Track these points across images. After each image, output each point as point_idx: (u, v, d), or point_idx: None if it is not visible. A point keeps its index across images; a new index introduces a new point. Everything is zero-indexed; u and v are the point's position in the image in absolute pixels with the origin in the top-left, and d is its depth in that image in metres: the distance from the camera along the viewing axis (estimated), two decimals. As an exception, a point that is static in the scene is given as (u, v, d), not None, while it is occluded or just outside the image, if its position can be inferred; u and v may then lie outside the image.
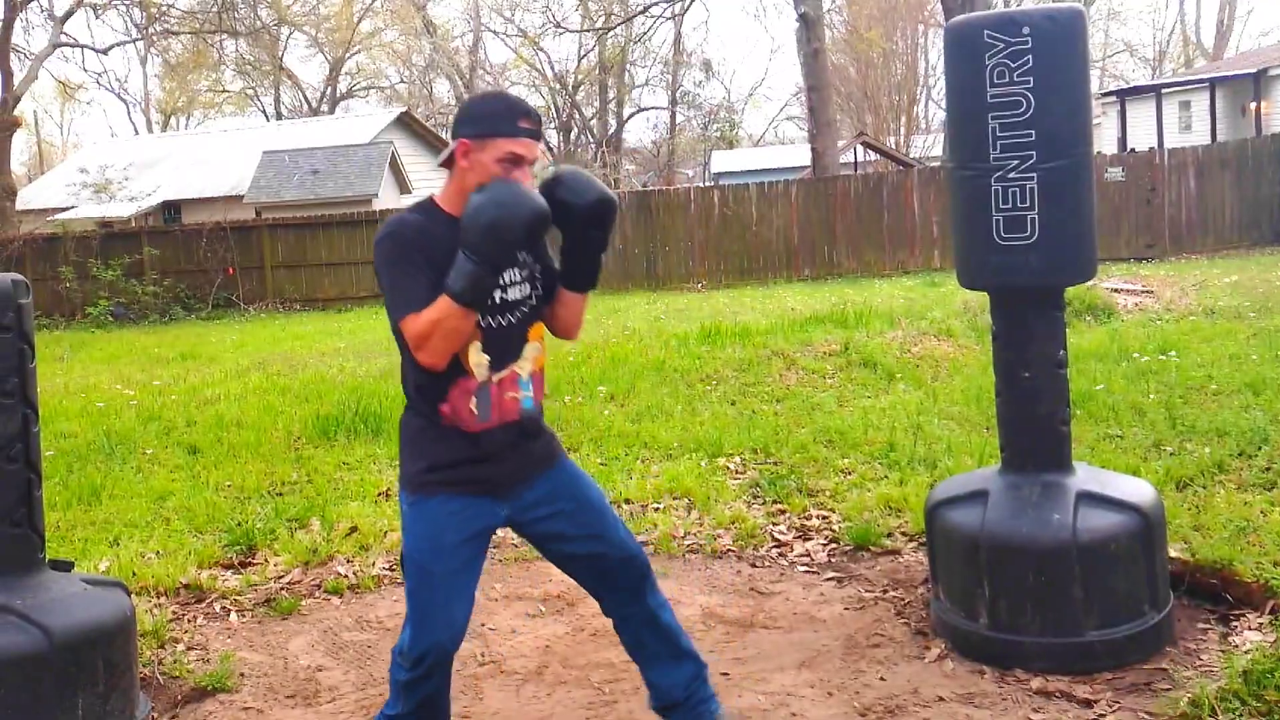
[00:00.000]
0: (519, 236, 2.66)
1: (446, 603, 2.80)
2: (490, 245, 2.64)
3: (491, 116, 2.76)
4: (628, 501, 5.54)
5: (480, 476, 2.82)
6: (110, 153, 30.53)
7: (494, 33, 47.88)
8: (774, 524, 5.16)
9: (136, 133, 47.78)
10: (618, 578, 3.00)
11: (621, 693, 3.55)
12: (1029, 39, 3.42)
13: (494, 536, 5.00)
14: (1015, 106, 3.44)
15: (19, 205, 26.99)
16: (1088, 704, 3.26)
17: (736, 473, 6.02)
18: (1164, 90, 24.42)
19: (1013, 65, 3.44)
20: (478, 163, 2.74)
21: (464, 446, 2.80)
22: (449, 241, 2.69)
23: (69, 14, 27.66)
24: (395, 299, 2.72)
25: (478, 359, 2.78)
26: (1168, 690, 3.26)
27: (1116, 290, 12.46)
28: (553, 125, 48.91)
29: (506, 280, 2.82)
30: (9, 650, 2.98)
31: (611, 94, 47.67)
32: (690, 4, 30.92)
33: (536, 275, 2.92)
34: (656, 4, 28.38)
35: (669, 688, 3.08)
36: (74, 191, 24.94)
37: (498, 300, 2.80)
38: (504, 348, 2.82)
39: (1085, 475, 3.69)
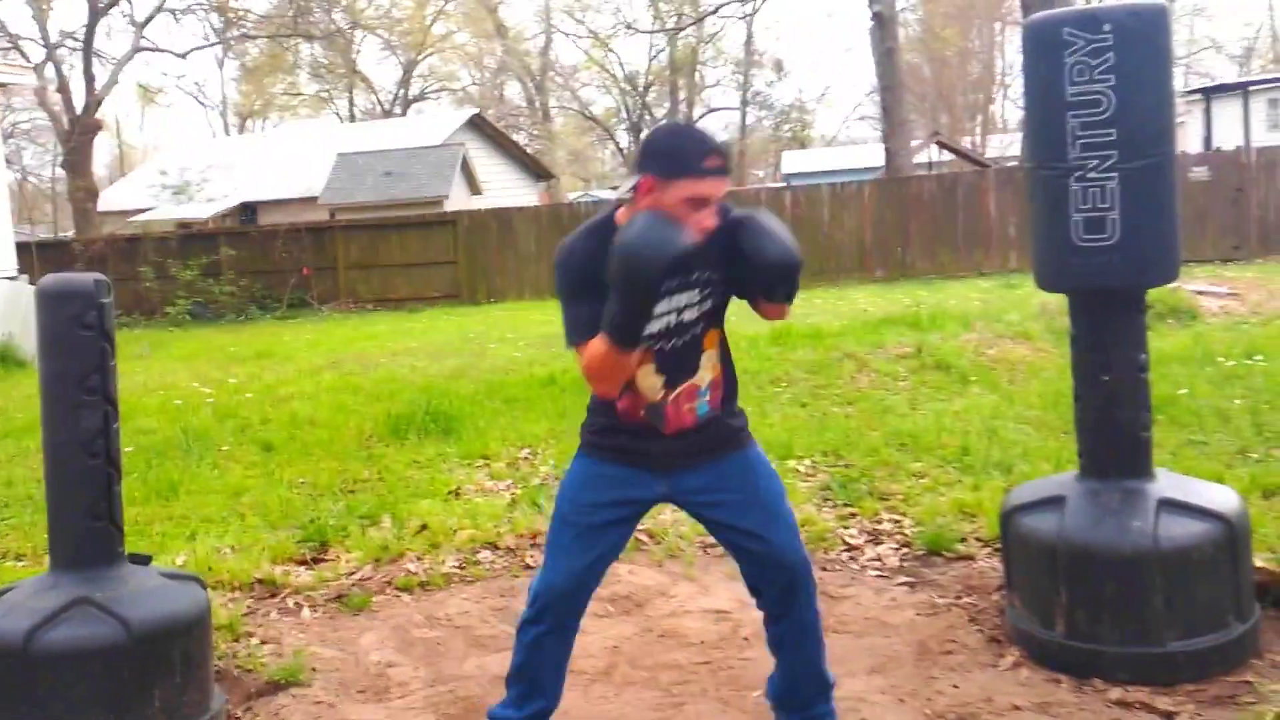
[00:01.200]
0: (652, 280, 2.54)
1: (569, 550, 2.89)
2: (627, 288, 2.55)
3: (678, 154, 2.62)
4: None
5: (640, 449, 2.85)
6: (189, 155, 31.20)
7: (565, 34, 48.17)
8: (845, 527, 5.10)
9: (214, 136, 48.81)
10: (771, 579, 2.96)
11: (689, 695, 3.53)
12: (1110, 36, 3.34)
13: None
14: (1095, 105, 3.37)
15: (101, 207, 27.73)
16: (1169, 716, 3.17)
17: (807, 475, 5.97)
18: (1252, 88, 23.78)
19: (1093, 63, 3.36)
20: (660, 201, 2.61)
21: (618, 425, 2.85)
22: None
23: (149, 19, 28.35)
24: (566, 329, 2.75)
25: (650, 381, 2.79)
26: (1252, 704, 3.16)
27: (1201, 292, 12.14)
28: (623, 126, 49.01)
29: (682, 303, 2.77)
30: (89, 641, 3.03)
31: (682, 95, 47.63)
32: (762, 4, 30.82)
33: (713, 282, 2.81)
34: (728, 4, 28.29)
35: (781, 697, 3.13)
36: (154, 193, 25.56)
37: (672, 324, 2.77)
38: (678, 366, 2.81)
39: (1167, 482, 3.60)
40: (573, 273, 2.73)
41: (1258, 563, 3.79)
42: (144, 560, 3.39)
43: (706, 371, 2.85)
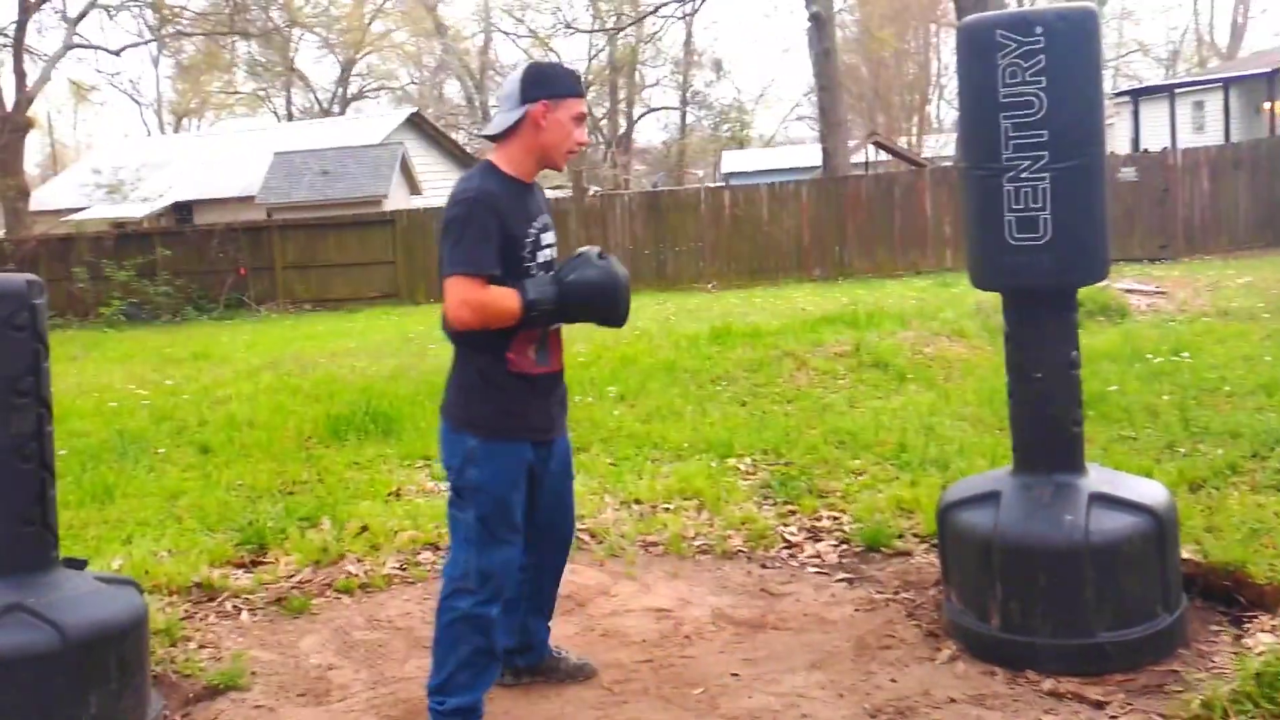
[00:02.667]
0: (600, 315, 3.21)
1: (511, 530, 3.19)
2: (583, 310, 3.16)
3: (565, 78, 3.17)
4: (638, 502, 5.54)
5: (540, 425, 3.23)
6: (123, 154, 30.65)
7: (504, 33, 47.88)
8: (785, 525, 5.15)
9: (149, 134, 47.94)
10: (560, 534, 3.50)
11: (631, 693, 3.55)
12: (1041, 38, 3.41)
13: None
14: (1028, 106, 3.43)
15: (33, 206, 27.10)
16: (1099, 706, 3.24)
17: (747, 474, 6.02)
18: (1177, 90, 24.33)
19: (1025, 65, 3.43)
20: (555, 121, 3.12)
21: (527, 392, 3.18)
22: (517, 204, 3.12)
23: (82, 15, 27.76)
24: (458, 255, 3.01)
25: None
26: (1180, 692, 3.24)
27: (1129, 291, 12.41)
28: (564, 125, 48.84)
29: (552, 239, 3.28)
30: (22, 648, 2.98)
31: (622, 94, 47.61)
32: (701, 4, 30.86)
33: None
34: (667, 4, 28.33)
35: (542, 631, 3.59)
36: (87, 192, 25.07)
37: (552, 258, 3.27)
38: None
39: (1098, 476, 3.68)
40: (484, 211, 3.05)
41: (1185, 555, 3.90)
42: (79, 565, 3.34)
43: None
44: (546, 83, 3.14)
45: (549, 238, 3.26)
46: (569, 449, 3.49)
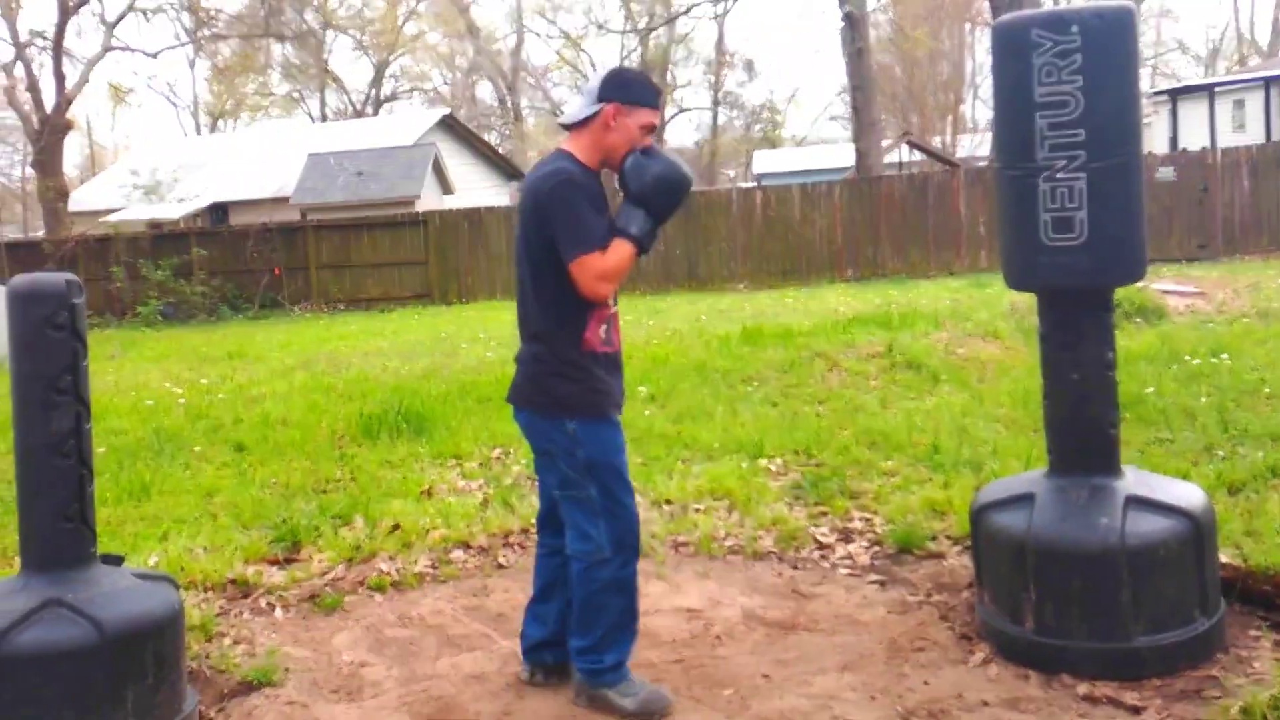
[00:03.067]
0: (685, 197, 3.34)
1: (629, 493, 3.39)
2: (669, 202, 3.29)
3: (642, 88, 3.36)
4: (668, 502, 5.53)
5: (619, 399, 3.42)
6: (160, 155, 30.97)
7: (536, 34, 48.16)
8: (816, 526, 5.13)
9: (185, 135, 48.46)
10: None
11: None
12: (1077, 37, 3.38)
13: (535, 536, 5.01)
14: (1063, 105, 3.40)
15: (71, 207, 27.48)
16: (1136, 711, 3.21)
17: (778, 474, 6.00)
18: (1217, 89, 24.03)
19: (1061, 64, 3.40)
20: (623, 125, 3.31)
21: (603, 370, 3.35)
22: (596, 192, 3.28)
23: (120, 18, 28.12)
24: (576, 236, 3.20)
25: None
26: (1218, 698, 3.20)
27: (1167, 292, 12.27)
28: (595, 126, 48.92)
29: None
30: (60, 643, 3.02)
31: (654, 95, 47.61)
32: (733, 4, 30.86)
33: None
34: (699, 4, 28.32)
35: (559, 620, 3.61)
36: (125, 193, 25.36)
37: None
38: None
39: (1134, 479, 3.64)
40: (582, 190, 3.24)
41: (1223, 558, 3.85)
42: (116, 561, 3.38)
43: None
44: (624, 87, 3.33)
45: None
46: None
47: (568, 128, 3.39)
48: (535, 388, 3.37)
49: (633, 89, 3.34)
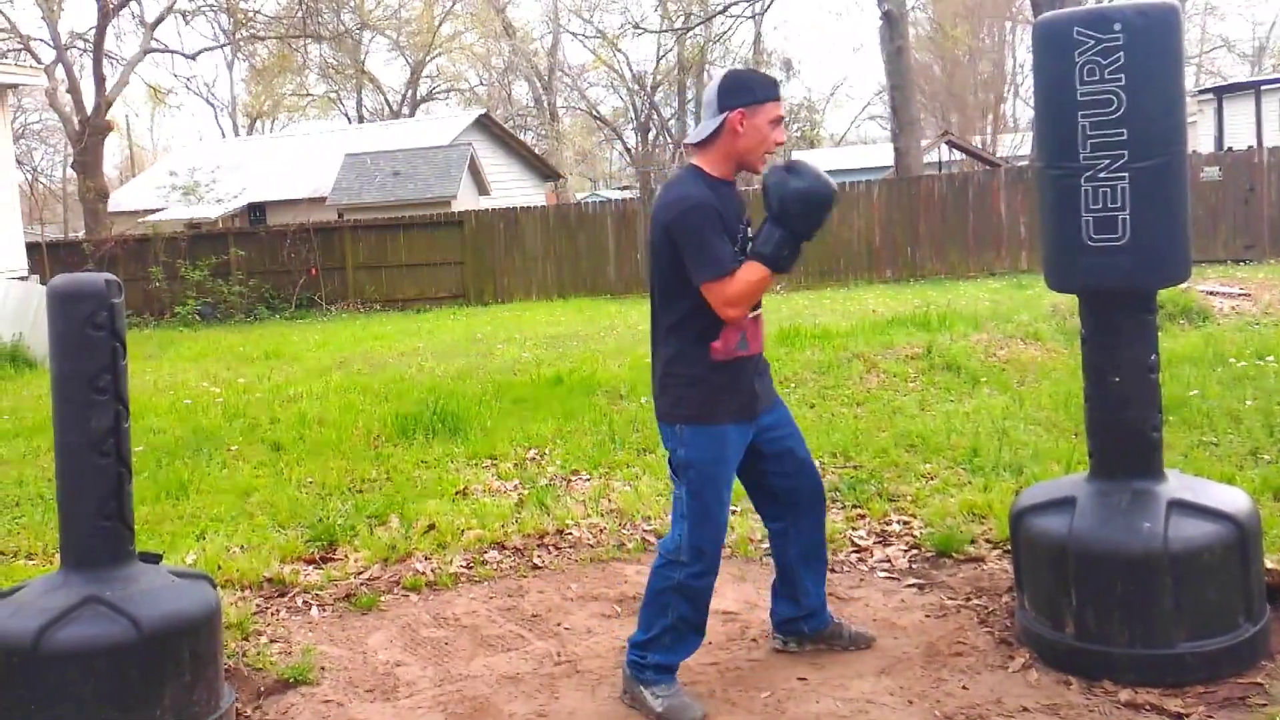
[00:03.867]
0: (828, 214, 3.30)
1: (721, 507, 3.40)
2: (810, 221, 3.27)
3: (760, 85, 3.36)
4: (705, 503, 5.50)
5: (743, 404, 3.41)
6: (198, 156, 31.28)
7: (572, 34, 48.17)
8: (854, 529, 5.09)
9: (223, 136, 48.92)
10: (808, 488, 3.65)
11: (697, 695, 3.53)
12: (1120, 35, 3.33)
13: (570, 537, 5.00)
14: (1106, 104, 3.35)
15: (111, 207, 27.80)
16: (1179, 718, 3.16)
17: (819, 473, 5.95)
18: (1264, 87, 23.63)
19: (1104, 62, 3.35)
20: (752, 127, 3.32)
21: (729, 377, 3.37)
22: (728, 207, 3.31)
23: (159, 20, 28.41)
24: (705, 259, 3.23)
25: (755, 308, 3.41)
26: (1263, 705, 3.15)
27: (1212, 293, 12.09)
28: (630, 126, 48.99)
29: (751, 234, 3.38)
30: (99, 639, 3.04)
31: (690, 94, 47.56)
32: (770, 3, 30.71)
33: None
34: (736, 3, 28.23)
35: (819, 596, 3.76)
36: (163, 194, 25.62)
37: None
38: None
39: (1177, 483, 3.58)
40: (712, 215, 3.26)
41: (1269, 564, 3.78)
42: (154, 559, 3.40)
43: (759, 307, 3.48)
44: (743, 90, 3.33)
45: (749, 232, 3.41)
46: (786, 412, 3.66)
47: (698, 145, 3.41)
48: (662, 396, 3.45)
49: (751, 89, 3.35)
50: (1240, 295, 12.36)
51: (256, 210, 27.46)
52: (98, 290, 3.19)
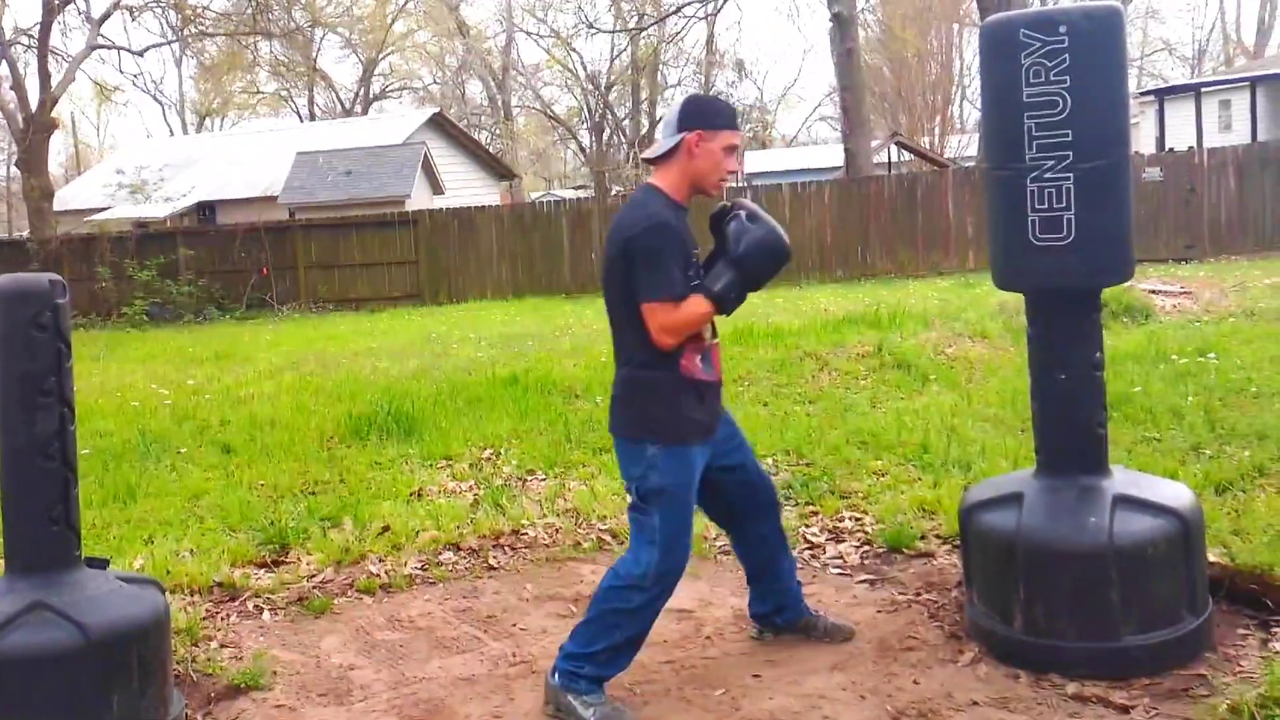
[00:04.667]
0: (781, 267, 3.40)
1: (689, 530, 3.43)
2: (764, 270, 3.37)
3: (719, 113, 3.44)
4: (659, 502, 5.51)
5: (711, 425, 3.47)
6: (146, 154, 30.84)
7: (526, 33, 47.92)
8: (806, 526, 5.13)
9: (172, 134, 48.28)
10: (762, 498, 3.74)
11: (653, 694, 3.54)
12: (1066, 38, 3.38)
13: (526, 537, 4.99)
14: (1052, 106, 3.41)
15: (56, 206, 27.29)
16: (1125, 710, 3.22)
17: (769, 474, 5.98)
18: (1203, 89, 24.10)
19: (1049, 64, 3.40)
20: (707, 150, 3.37)
21: (699, 398, 3.41)
22: (684, 229, 3.37)
23: (105, 16, 27.92)
24: (658, 280, 3.26)
25: (706, 330, 3.44)
26: (1206, 697, 3.22)
27: (1154, 291, 12.30)
28: (585, 126, 48.95)
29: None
30: (46, 647, 3.00)
31: (644, 94, 47.59)
32: (723, 4, 30.85)
33: None
34: (689, 4, 28.33)
35: (794, 588, 3.86)
36: (110, 192, 25.22)
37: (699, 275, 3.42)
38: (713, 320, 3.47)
39: (1122, 478, 3.65)
40: (675, 239, 3.31)
41: (1211, 557, 3.86)
42: (101, 564, 3.36)
43: (716, 336, 3.54)
44: (702, 115, 3.40)
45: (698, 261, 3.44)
46: (731, 421, 3.70)
47: (652, 162, 3.45)
48: (625, 412, 3.44)
49: (710, 114, 3.41)
50: (1182, 293, 12.59)
51: (206, 209, 27.10)
52: (42, 290, 3.14)
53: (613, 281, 3.37)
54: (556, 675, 3.45)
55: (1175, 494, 3.61)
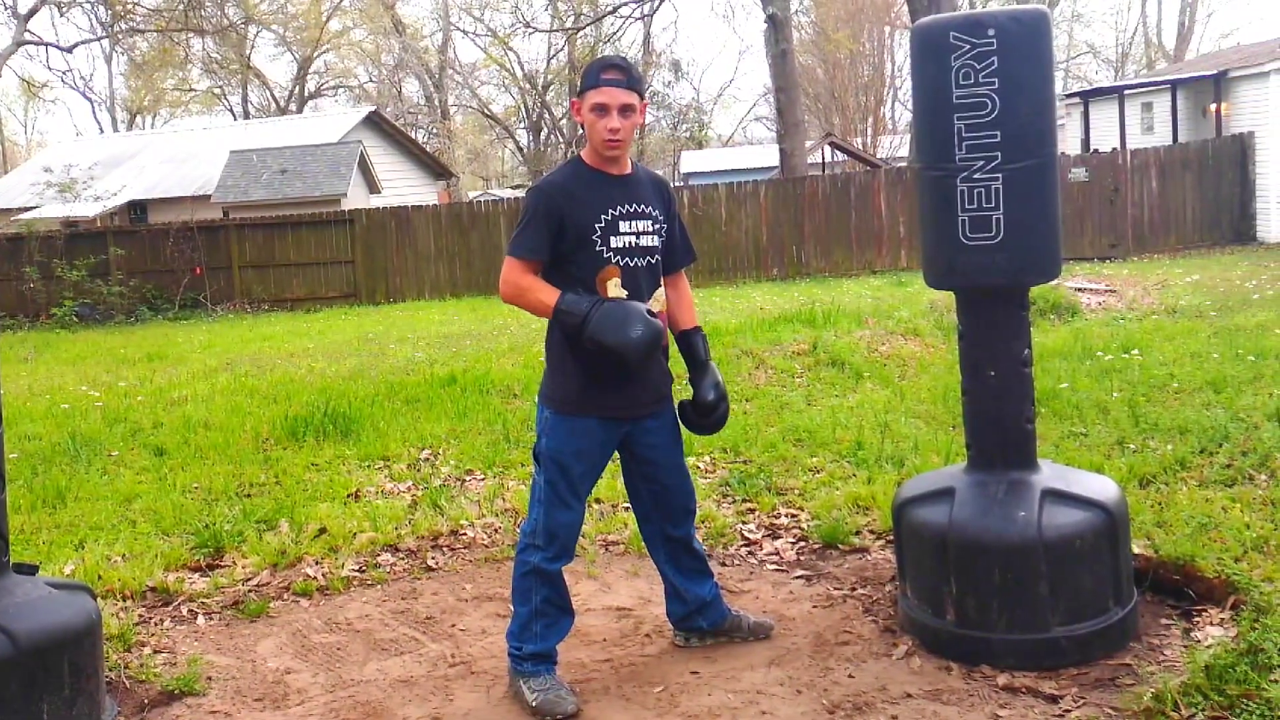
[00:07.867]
0: (630, 361, 3.29)
1: (576, 496, 3.48)
2: (606, 336, 3.24)
3: (585, 75, 3.43)
4: (598, 501, 5.54)
5: (615, 404, 3.45)
6: (75, 152, 30.20)
7: (463, 32, 47.66)
8: (743, 522, 5.18)
9: (102, 131, 47.29)
10: (676, 502, 3.69)
11: (592, 692, 3.56)
12: (994, 40, 3.44)
13: (465, 538, 4.98)
14: (981, 107, 3.47)
15: (-19, 205, 26.66)
16: (1053, 699, 3.29)
17: (706, 472, 6.04)
18: (1126, 92, 24.55)
19: (978, 66, 3.46)
20: (586, 116, 3.38)
21: (601, 372, 3.37)
22: (591, 193, 3.38)
23: (33, 12, 27.36)
24: (518, 237, 3.36)
25: (616, 292, 3.39)
26: (1132, 685, 3.29)
27: (1080, 289, 12.58)
28: (522, 125, 48.79)
29: (639, 228, 3.44)
30: (-27, 655, 2.95)
31: (581, 94, 47.54)
32: (659, 4, 30.87)
33: (659, 221, 3.52)
34: (626, 4, 28.37)
35: (703, 592, 3.79)
36: (38, 191, 24.63)
37: (632, 244, 3.43)
38: (638, 285, 3.43)
39: (1050, 473, 3.72)
40: (552, 203, 3.35)
41: (1136, 550, 3.96)
42: (30, 570, 3.30)
43: (655, 303, 3.48)
44: (581, 80, 3.45)
45: (633, 225, 3.44)
46: (673, 423, 3.67)
47: None
48: (544, 378, 3.58)
49: (581, 80, 3.46)
50: (1107, 291, 12.88)
51: (137, 208, 26.60)
52: (-32, 293, 3.09)
53: None
54: (509, 658, 3.56)
55: (1101, 487, 3.69)
